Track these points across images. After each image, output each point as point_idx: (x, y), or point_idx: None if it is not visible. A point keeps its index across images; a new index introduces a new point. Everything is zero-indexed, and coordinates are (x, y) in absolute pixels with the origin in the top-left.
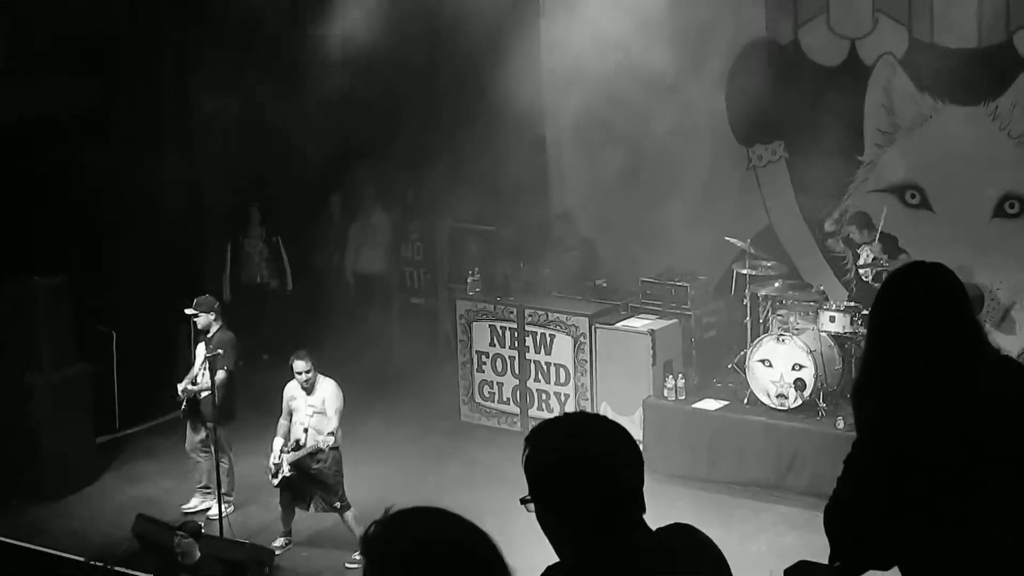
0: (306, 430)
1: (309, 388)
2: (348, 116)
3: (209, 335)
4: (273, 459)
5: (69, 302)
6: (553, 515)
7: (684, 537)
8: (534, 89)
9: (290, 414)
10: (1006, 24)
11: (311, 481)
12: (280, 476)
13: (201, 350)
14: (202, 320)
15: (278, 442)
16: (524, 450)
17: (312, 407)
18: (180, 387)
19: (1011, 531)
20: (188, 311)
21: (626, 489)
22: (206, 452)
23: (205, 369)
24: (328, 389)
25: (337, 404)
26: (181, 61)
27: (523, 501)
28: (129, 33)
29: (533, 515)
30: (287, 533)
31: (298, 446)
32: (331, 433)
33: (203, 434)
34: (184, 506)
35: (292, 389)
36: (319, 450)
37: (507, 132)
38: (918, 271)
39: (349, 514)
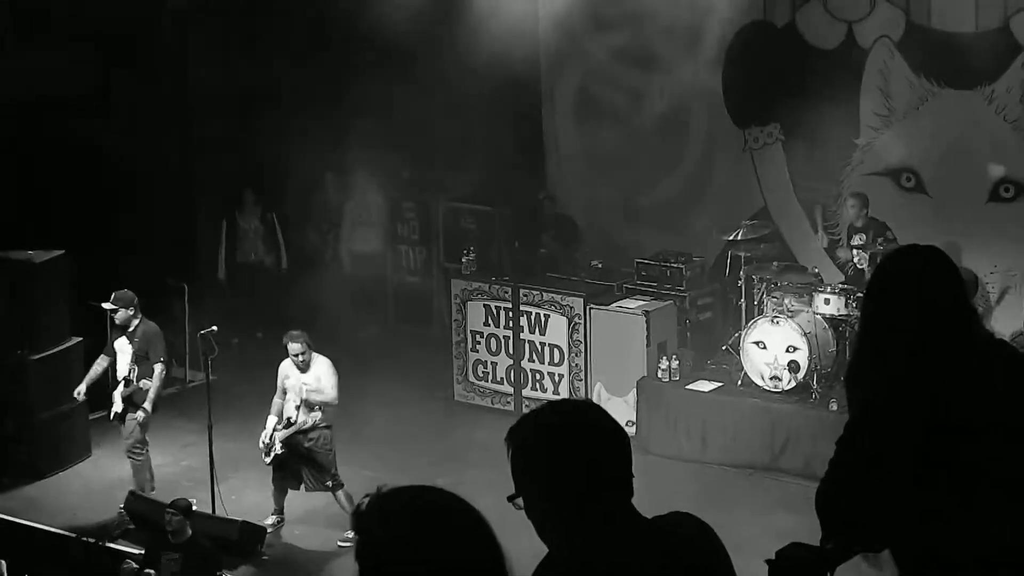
0: (298, 407)
1: (303, 367)
2: (343, 92)
3: (131, 329)
4: (264, 437)
5: (65, 277)
6: (539, 507)
7: (683, 524)
8: (531, 67)
9: (284, 392)
10: (1003, 8)
11: (303, 459)
12: (272, 454)
13: (122, 345)
14: (121, 315)
15: (271, 420)
16: (507, 447)
17: (306, 385)
18: (116, 394)
19: (1004, 514)
20: (106, 305)
21: (612, 475)
22: (141, 452)
23: (134, 364)
24: (322, 367)
25: (332, 379)
26: (181, 36)
27: (510, 499)
28: (130, 7)
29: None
30: (279, 511)
31: (289, 424)
32: (319, 408)
33: (139, 433)
34: (121, 507)
35: (287, 367)
36: (311, 428)
37: (503, 111)
38: (913, 253)
39: (341, 493)
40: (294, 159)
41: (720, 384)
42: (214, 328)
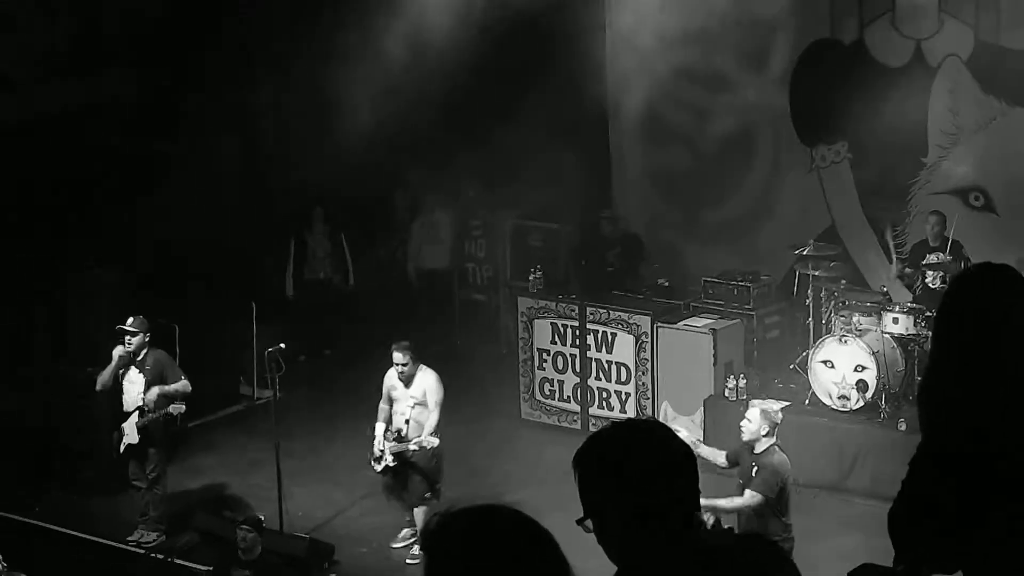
0: (407, 421)
1: (406, 380)
2: (411, 110)
3: (139, 357)
4: (378, 446)
5: (132, 295)
6: (607, 527)
7: (755, 547)
8: (598, 86)
9: (390, 400)
10: None
11: (409, 468)
12: (384, 464)
13: (133, 377)
14: (138, 340)
15: (379, 427)
16: (575, 468)
17: (413, 398)
18: (129, 424)
19: None
20: (127, 327)
21: (679, 494)
22: (162, 483)
23: (142, 393)
24: (429, 381)
25: (438, 396)
26: (249, 56)
27: (579, 521)
28: (196, 24)
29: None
30: (412, 523)
31: (400, 437)
32: (434, 433)
33: (153, 462)
34: (129, 538)
35: (392, 378)
36: (420, 446)
37: (571, 129)
38: (989, 272)
39: (422, 510)
40: (363, 177)
41: (788, 403)
42: (281, 346)
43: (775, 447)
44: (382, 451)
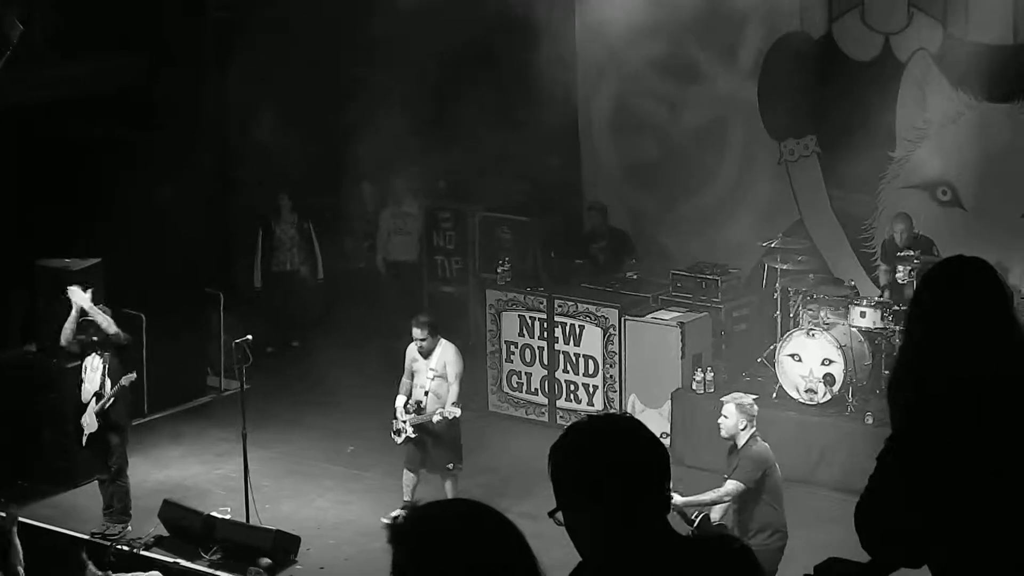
0: (427, 393)
1: (426, 353)
2: (381, 102)
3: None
4: (400, 418)
5: (101, 286)
6: (578, 517)
7: (724, 544)
8: (568, 78)
9: (412, 374)
10: None
11: (432, 438)
12: (404, 436)
13: (94, 363)
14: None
15: (400, 400)
16: (549, 460)
17: (433, 371)
18: (88, 416)
19: None
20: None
21: (650, 488)
22: (125, 474)
23: (107, 378)
24: (449, 354)
25: (457, 369)
26: (224, 43)
27: (551, 514)
28: (171, 12)
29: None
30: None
31: (419, 409)
32: (455, 403)
33: (115, 453)
34: (94, 530)
35: (413, 351)
36: (443, 417)
37: (540, 121)
38: (960, 264)
39: (450, 484)
40: (330, 167)
41: (755, 396)
42: (249, 337)
43: (755, 437)
44: (404, 423)
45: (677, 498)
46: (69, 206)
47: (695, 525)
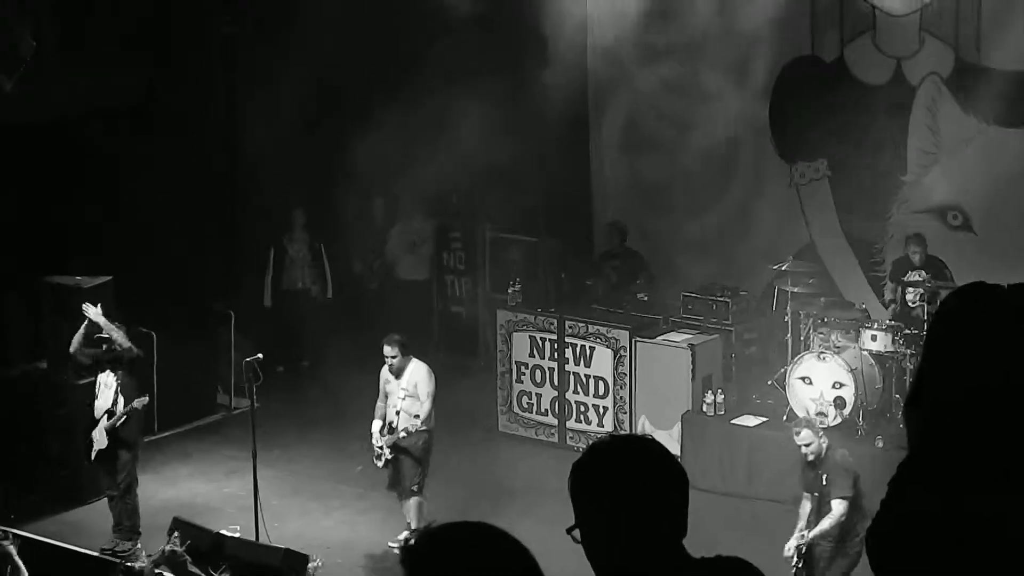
0: (398, 413)
1: (397, 372)
2: (392, 119)
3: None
4: (376, 443)
5: (110, 303)
6: (596, 536)
7: (738, 570)
8: (579, 97)
9: (386, 396)
10: None
11: (402, 454)
12: (384, 459)
13: (107, 380)
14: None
15: (376, 424)
16: (571, 477)
17: (404, 390)
18: (99, 431)
19: None
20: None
21: (670, 512)
22: (133, 492)
23: (119, 396)
24: (420, 373)
25: (429, 388)
26: (230, 57)
27: (569, 530)
28: (177, 26)
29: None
30: (409, 527)
31: (392, 429)
32: (417, 416)
33: (124, 470)
34: (103, 546)
35: (386, 372)
36: (406, 431)
37: (551, 140)
38: (985, 290)
39: (413, 501)
40: (343, 185)
41: (765, 419)
42: (259, 355)
43: (831, 447)
44: (380, 448)
45: (805, 535)
46: (72, 221)
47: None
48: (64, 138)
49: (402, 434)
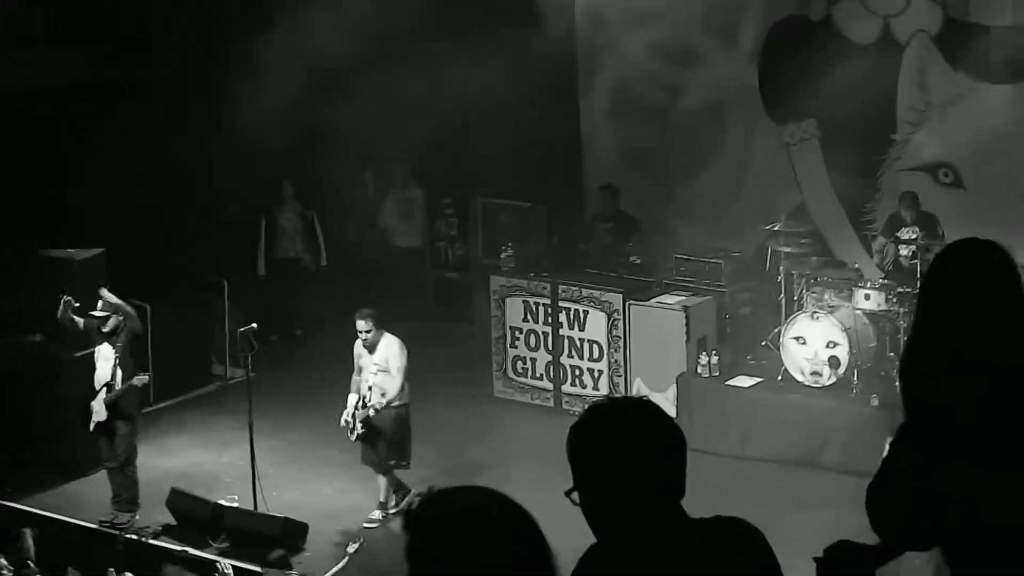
0: (371, 388)
1: (370, 347)
2: (382, 87)
3: (106, 329)
4: (346, 415)
5: (104, 275)
6: (594, 498)
7: (737, 529)
8: (568, 62)
9: (360, 370)
10: None
11: (375, 434)
12: (355, 433)
13: (105, 352)
14: (112, 321)
15: (351, 398)
16: (569, 439)
17: (376, 365)
18: (98, 402)
19: None
20: (99, 313)
21: (667, 473)
22: (133, 464)
23: (118, 368)
24: (392, 348)
25: (400, 362)
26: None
27: (567, 493)
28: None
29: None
30: (382, 505)
31: (365, 404)
32: (384, 394)
33: (123, 443)
34: (102, 519)
35: (359, 346)
36: (374, 408)
37: (541, 104)
38: (977, 247)
39: (385, 478)
40: (333, 154)
41: (760, 380)
42: (253, 325)
43: None
44: (348, 421)
45: None
46: (64, 195)
47: None
48: (52, 110)
49: (371, 412)
